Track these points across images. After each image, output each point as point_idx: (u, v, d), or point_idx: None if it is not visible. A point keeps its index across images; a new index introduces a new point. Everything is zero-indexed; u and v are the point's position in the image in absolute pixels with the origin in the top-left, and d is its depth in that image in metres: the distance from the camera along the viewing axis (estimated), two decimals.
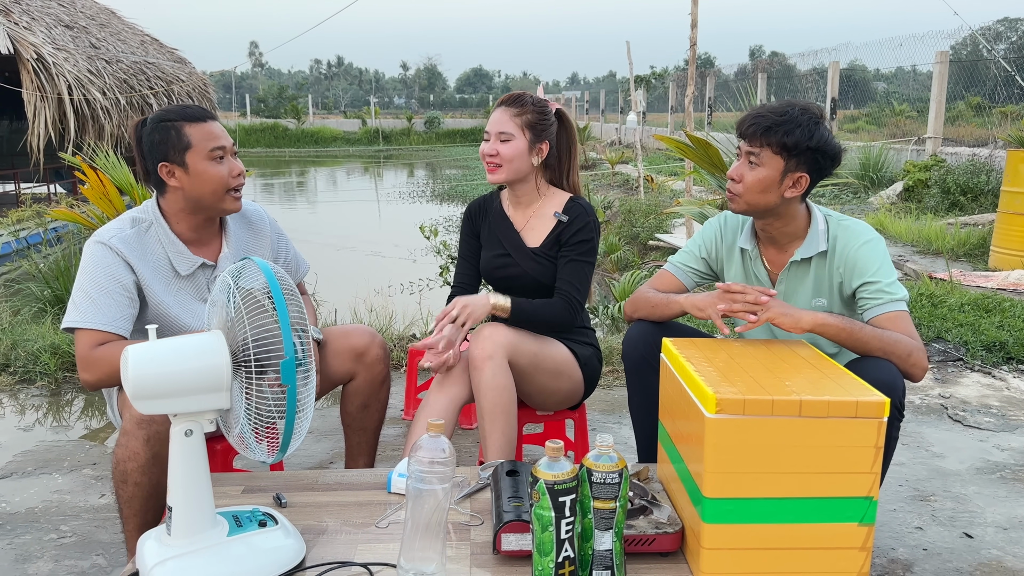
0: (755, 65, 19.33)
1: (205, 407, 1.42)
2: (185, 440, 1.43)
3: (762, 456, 1.43)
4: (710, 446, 1.43)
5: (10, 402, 3.56)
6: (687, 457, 1.57)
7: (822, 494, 1.45)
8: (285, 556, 1.48)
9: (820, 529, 1.46)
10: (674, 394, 1.66)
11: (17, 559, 2.26)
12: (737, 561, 1.45)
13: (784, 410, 1.42)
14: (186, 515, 1.44)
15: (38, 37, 10.12)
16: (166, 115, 1.93)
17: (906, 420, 3.33)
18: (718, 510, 1.44)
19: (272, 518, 1.56)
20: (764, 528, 1.45)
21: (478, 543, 1.59)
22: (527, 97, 2.31)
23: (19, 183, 12.63)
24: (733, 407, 1.42)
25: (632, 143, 20.32)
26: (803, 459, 1.43)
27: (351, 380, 2.20)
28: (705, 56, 56.51)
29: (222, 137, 1.96)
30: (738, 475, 1.43)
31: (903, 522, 2.47)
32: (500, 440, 2.08)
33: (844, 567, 1.48)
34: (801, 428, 1.42)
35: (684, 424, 1.59)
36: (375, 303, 5.07)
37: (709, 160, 4.40)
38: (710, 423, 1.42)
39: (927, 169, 9.51)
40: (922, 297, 4.84)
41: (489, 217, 2.43)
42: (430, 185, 17.69)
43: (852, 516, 1.46)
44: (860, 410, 1.43)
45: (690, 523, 1.53)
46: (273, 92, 52.23)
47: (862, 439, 1.43)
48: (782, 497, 1.44)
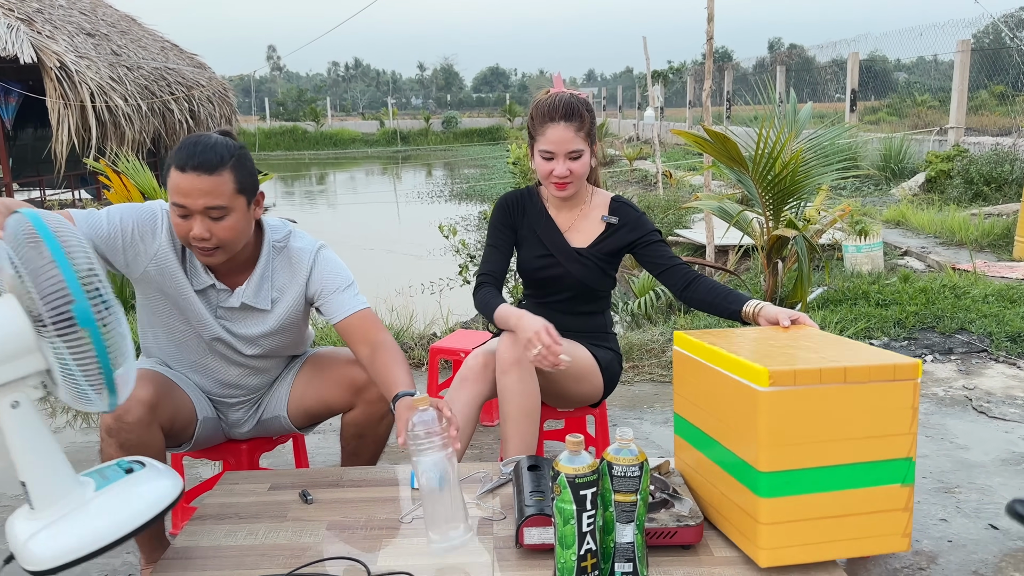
0: (774, 58, 19.20)
1: (20, 374, 1.35)
2: (14, 413, 1.36)
3: (813, 426, 1.46)
4: (764, 420, 1.45)
5: (40, 404, 3.63)
6: (729, 439, 1.56)
7: (867, 459, 1.49)
8: (159, 495, 1.45)
9: (866, 494, 1.50)
10: (702, 381, 1.68)
11: None
12: (793, 534, 1.48)
13: (831, 378, 1.46)
14: (42, 486, 1.39)
15: (61, 46, 10.26)
16: (175, 147, 1.82)
17: (930, 412, 3.31)
18: (774, 484, 1.46)
19: (139, 463, 1.51)
20: (816, 498, 1.48)
21: (501, 537, 1.60)
22: (579, 105, 2.21)
23: (44, 190, 12.82)
24: (785, 379, 1.44)
25: (650, 139, 20.25)
26: (849, 425, 1.48)
27: (350, 409, 2.11)
28: (723, 50, 56.14)
29: (189, 195, 1.76)
30: (791, 447, 1.46)
31: (928, 514, 2.46)
32: (521, 444, 2.10)
33: (889, 529, 1.52)
34: (847, 394, 1.47)
35: (722, 407, 1.59)
36: (396, 303, 5.10)
37: (728, 154, 4.39)
38: (764, 397, 1.44)
39: (950, 159, 9.40)
40: (945, 288, 4.80)
41: (529, 214, 2.36)
42: (448, 185, 17.73)
43: (894, 478, 1.51)
44: (897, 373, 1.49)
45: (738, 503, 1.53)
46: (292, 95, 52.55)
47: (901, 401, 1.49)
48: (831, 465, 1.48)
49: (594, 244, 2.32)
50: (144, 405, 1.82)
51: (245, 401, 2.14)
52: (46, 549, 1.35)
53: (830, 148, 4.57)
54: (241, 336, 2.02)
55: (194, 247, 1.84)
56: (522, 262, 2.36)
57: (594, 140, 2.26)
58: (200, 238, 1.79)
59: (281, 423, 2.17)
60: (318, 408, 2.14)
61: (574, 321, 2.29)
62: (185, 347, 2.04)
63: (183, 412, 1.99)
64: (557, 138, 2.17)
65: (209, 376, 2.08)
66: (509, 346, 2.12)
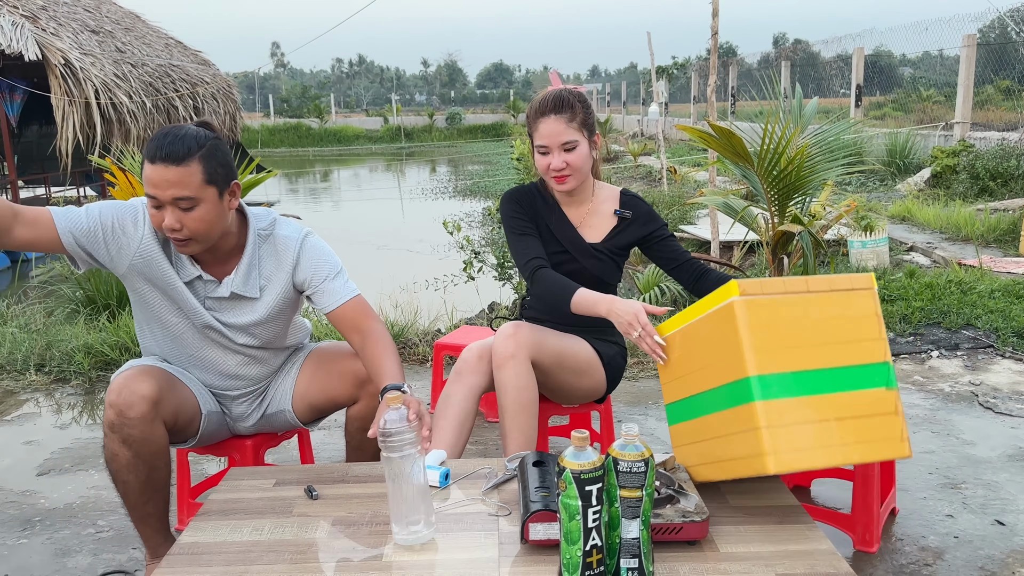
0: (778, 53, 19.14)
1: None
2: None
3: (788, 331, 1.58)
4: (742, 327, 1.56)
5: (46, 401, 3.64)
6: (717, 376, 1.65)
7: (846, 363, 1.60)
8: None
9: (854, 397, 1.59)
10: (683, 346, 1.79)
11: (57, 553, 2.31)
12: (793, 437, 1.54)
13: (795, 287, 1.62)
14: None
15: (65, 43, 10.26)
16: (148, 142, 1.81)
17: (936, 408, 3.30)
18: (765, 386, 1.54)
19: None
20: (807, 400, 1.56)
21: (506, 533, 1.60)
22: (569, 97, 2.21)
23: (49, 187, 12.85)
24: (753, 288, 1.59)
25: (654, 134, 20.20)
26: (821, 331, 1.60)
27: (354, 403, 2.12)
28: (727, 45, 55.98)
29: (158, 186, 1.77)
30: (773, 351, 1.56)
31: (934, 510, 2.46)
32: (520, 438, 2.09)
33: (886, 433, 1.60)
34: (812, 302, 1.61)
35: (704, 353, 1.70)
36: (400, 299, 5.10)
37: (733, 150, 4.37)
38: (738, 305, 1.57)
39: (955, 154, 9.36)
40: (951, 284, 4.78)
41: (540, 211, 2.34)
42: (452, 181, 17.71)
43: (878, 382, 1.61)
44: (854, 283, 1.65)
45: (738, 432, 1.60)
46: (296, 92, 52.56)
47: (863, 308, 1.64)
48: (815, 369, 1.58)
49: (608, 239, 2.31)
50: (147, 400, 1.82)
51: (248, 393, 2.14)
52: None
53: (835, 143, 4.55)
54: (232, 325, 2.02)
55: (169, 237, 1.85)
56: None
57: (592, 132, 2.24)
58: (171, 228, 1.80)
59: (286, 418, 2.17)
60: (322, 402, 2.14)
61: (579, 315, 2.29)
62: (181, 340, 2.04)
63: (186, 407, 1.99)
64: (549, 131, 2.17)
65: (209, 368, 2.08)
66: (505, 340, 2.12)
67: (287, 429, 2.26)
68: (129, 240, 1.91)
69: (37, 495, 2.70)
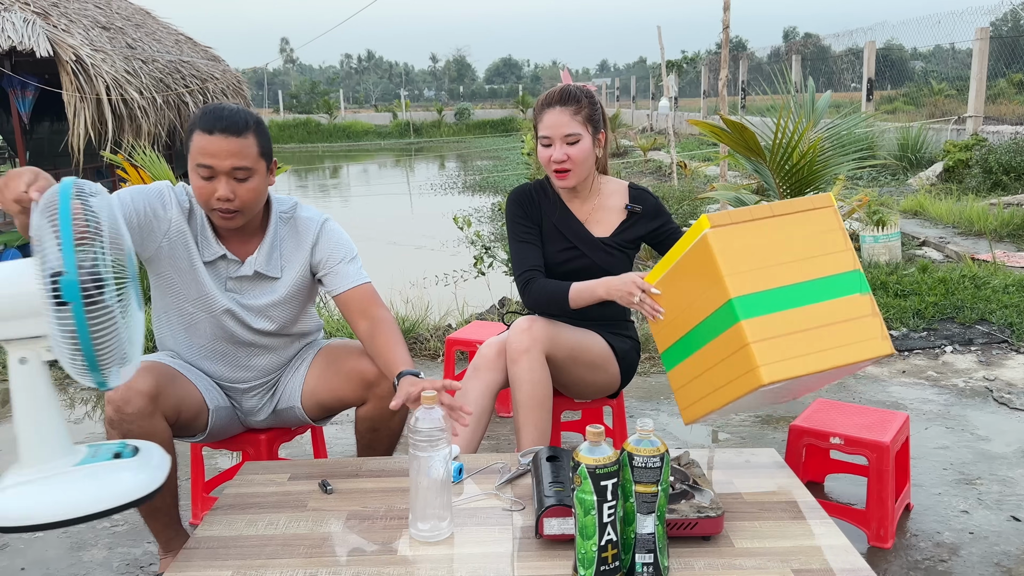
0: (789, 47, 19.05)
1: (25, 333, 1.38)
2: (21, 368, 1.40)
3: (760, 252, 1.69)
4: (718, 255, 1.67)
5: (60, 396, 3.66)
6: (702, 310, 1.75)
7: (819, 275, 1.70)
8: (127, 487, 1.45)
9: (832, 305, 1.69)
10: (665, 296, 1.90)
11: (72, 547, 2.33)
12: (781, 348, 1.64)
13: (760, 213, 1.73)
14: (30, 444, 1.42)
15: (76, 39, 10.30)
16: (197, 113, 1.89)
17: (950, 403, 3.28)
18: (747, 305, 1.65)
19: (136, 449, 1.52)
20: (789, 314, 1.67)
21: (520, 527, 1.60)
22: (576, 91, 2.21)
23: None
24: (722, 219, 1.70)
25: (664, 129, 20.14)
26: (792, 249, 1.71)
27: (362, 404, 2.10)
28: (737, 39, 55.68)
29: (217, 156, 1.82)
30: (750, 272, 1.67)
31: (948, 506, 2.44)
32: (534, 433, 2.10)
33: (866, 334, 1.69)
34: (779, 225, 1.72)
35: (684, 292, 1.81)
36: (410, 295, 5.10)
37: (745, 144, 4.36)
38: (710, 236, 1.68)
39: (968, 149, 9.30)
40: (965, 279, 4.75)
41: (547, 210, 2.33)
42: (461, 176, 17.71)
43: (851, 289, 1.71)
44: (815, 203, 1.76)
45: (728, 354, 1.68)
46: (305, 88, 52.65)
47: (826, 224, 1.74)
48: (791, 284, 1.68)
49: (616, 233, 2.30)
50: (144, 396, 1.82)
51: (259, 386, 2.14)
52: (6, 508, 1.38)
53: (847, 138, 4.53)
54: (250, 307, 2.04)
55: (215, 210, 1.89)
56: (546, 256, 2.31)
57: (597, 128, 2.24)
58: (224, 199, 1.85)
59: (296, 414, 2.17)
60: (331, 401, 2.14)
61: (593, 310, 2.29)
62: (195, 330, 2.04)
63: (189, 402, 1.97)
64: (552, 122, 2.18)
65: (221, 359, 2.08)
66: (519, 335, 2.11)
67: (299, 425, 2.27)
68: (159, 223, 1.94)
69: None
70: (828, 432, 2.27)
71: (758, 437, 3.03)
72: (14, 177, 1.42)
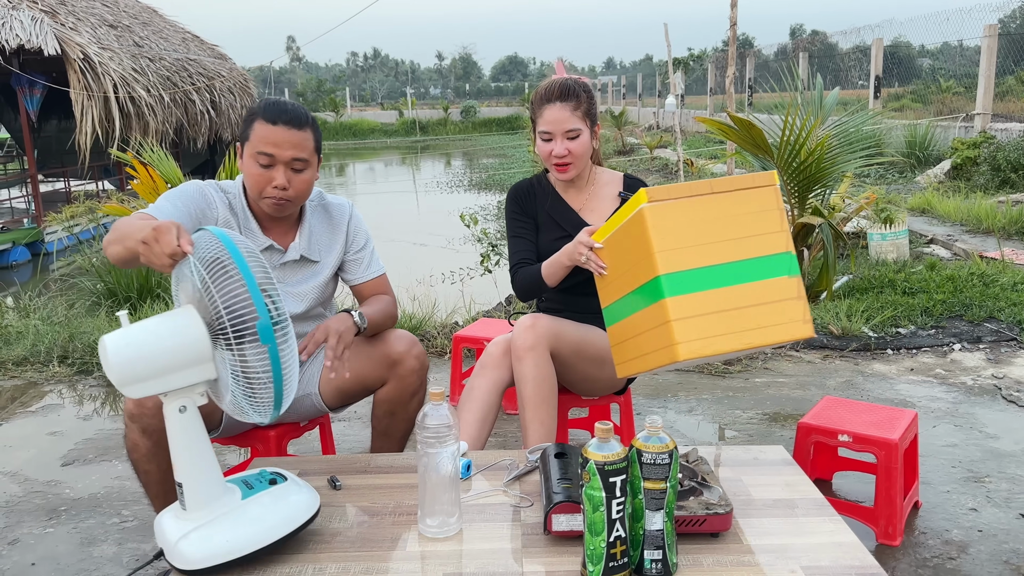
0: (796, 44, 18.99)
1: (191, 381, 1.43)
2: (181, 416, 1.44)
3: (695, 230, 1.69)
4: (652, 230, 1.68)
5: (69, 392, 3.67)
6: (635, 279, 1.77)
7: (750, 255, 1.71)
8: (299, 509, 1.50)
9: (759, 287, 1.71)
10: (607, 260, 1.92)
11: (83, 542, 2.34)
12: (702, 327, 1.67)
13: (700, 190, 1.72)
14: (196, 488, 1.46)
15: (84, 37, 10.33)
16: (258, 104, 1.99)
17: (958, 401, 3.27)
18: (673, 283, 1.67)
19: (281, 475, 1.57)
20: (714, 293, 1.69)
21: (528, 524, 1.60)
22: (575, 86, 2.25)
23: (69, 181, 12.95)
24: (660, 194, 1.71)
25: (670, 127, 20.10)
26: (726, 228, 1.70)
27: (382, 385, 2.15)
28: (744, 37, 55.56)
29: (279, 145, 1.92)
30: (681, 250, 1.68)
31: (957, 503, 2.44)
32: (540, 430, 2.10)
33: (789, 317, 1.72)
34: (717, 202, 1.72)
35: (624, 259, 1.82)
36: (417, 292, 5.11)
37: (753, 141, 4.35)
38: (647, 211, 1.69)
39: (976, 146, 9.26)
40: (973, 276, 4.74)
41: (541, 200, 2.39)
42: (467, 174, 17.72)
43: (780, 271, 1.72)
44: (756, 180, 1.75)
45: (653, 326, 1.72)
46: (311, 86, 52.74)
47: (765, 203, 1.73)
48: (721, 263, 1.69)
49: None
50: None
51: None
52: (197, 550, 1.41)
53: (855, 135, 4.52)
54: (293, 293, 2.12)
55: (268, 198, 1.97)
56: (541, 246, 2.36)
57: (594, 121, 2.29)
58: (280, 187, 1.94)
59: (312, 401, 2.18)
60: (351, 385, 2.15)
61: (595, 303, 2.29)
62: None
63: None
64: (553, 118, 2.21)
65: None
66: (524, 332, 2.12)
67: (312, 416, 2.27)
68: (209, 222, 1.99)
69: (62, 485, 2.73)
70: (836, 430, 2.26)
71: (765, 435, 3.02)
72: (164, 232, 1.45)
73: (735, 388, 3.52)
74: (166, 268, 1.47)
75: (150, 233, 1.45)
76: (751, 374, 3.69)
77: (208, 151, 14.47)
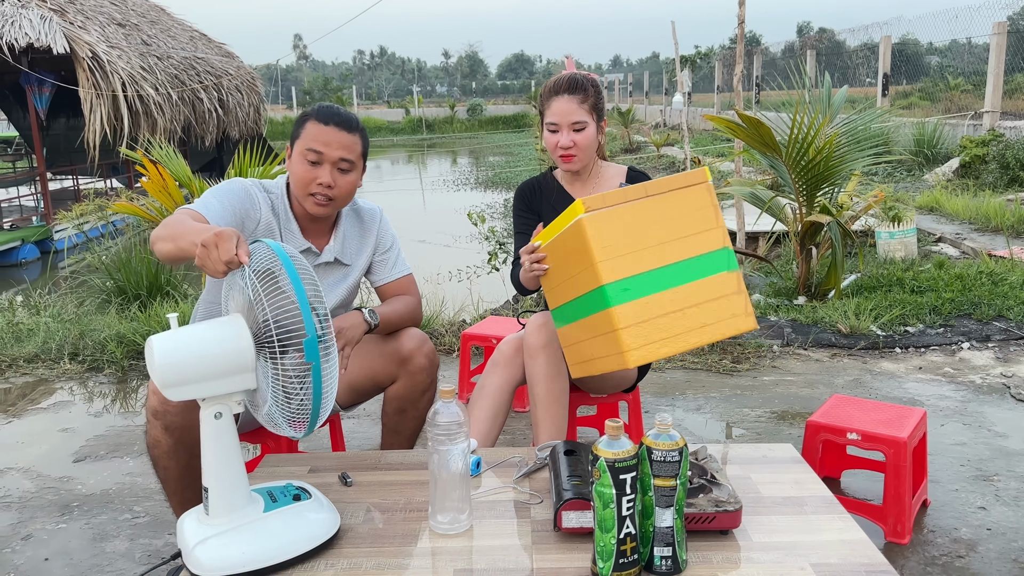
0: (803, 42, 18.94)
1: (232, 389, 1.44)
2: (216, 423, 1.45)
3: (633, 236, 1.71)
4: (592, 240, 1.69)
5: (80, 389, 3.70)
6: (580, 286, 1.79)
7: (689, 255, 1.74)
8: (320, 528, 1.51)
9: (700, 285, 1.74)
10: (551, 257, 1.92)
11: (95, 538, 2.36)
12: (649, 332, 1.71)
13: (635, 195, 1.73)
14: (222, 495, 1.47)
15: (92, 36, 10.37)
16: (312, 107, 2.04)
17: (967, 399, 3.27)
18: (618, 292, 1.69)
19: (305, 491, 1.58)
20: (658, 297, 1.71)
21: (538, 520, 1.61)
22: (584, 80, 2.29)
23: (77, 179, 13.01)
24: (596, 203, 1.71)
25: (676, 124, 20.08)
26: (664, 230, 1.73)
27: (393, 383, 2.18)
28: (751, 34, 55.42)
29: (328, 144, 1.97)
30: (622, 257, 1.70)
31: (966, 502, 2.44)
32: (551, 428, 2.11)
33: (731, 311, 1.76)
34: (652, 205, 1.73)
35: (567, 265, 1.83)
36: (425, 290, 5.12)
37: (761, 139, 4.34)
38: (585, 221, 1.69)
39: (985, 144, 9.23)
40: (982, 275, 4.73)
41: (546, 197, 2.42)
42: (474, 172, 17.73)
43: (719, 267, 1.75)
44: (689, 179, 1.76)
45: (600, 334, 1.75)
46: (318, 84, 52.79)
47: (700, 201, 1.75)
48: (661, 266, 1.72)
49: None
50: None
51: None
52: (212, 558, 1.42)
53: (863, 133, 4.51)
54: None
55: (312, 195, 2.00)
56: None
57: (601, 116, 2.33)
58: (326, 185, 1.98)
59: None
60: (362, 382, 2.17)
61: None
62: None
63: None
64: (561, 110, 2.25)
65: None
66: (537, 331, 2.13)
67: None
68: (250, 222, 2.02)
69: (74, 481, 2.75)
70: (845, 428, 2.27)
71: (773, 433, 3.03)
72: (225, 239, 1.45)
73: (743, 386, 3.52)
74: (219, 274, 1.47)
75: (211, 238, 1.45)
76: (759, 372, 3.69)
77: (216, 149, 14.51)
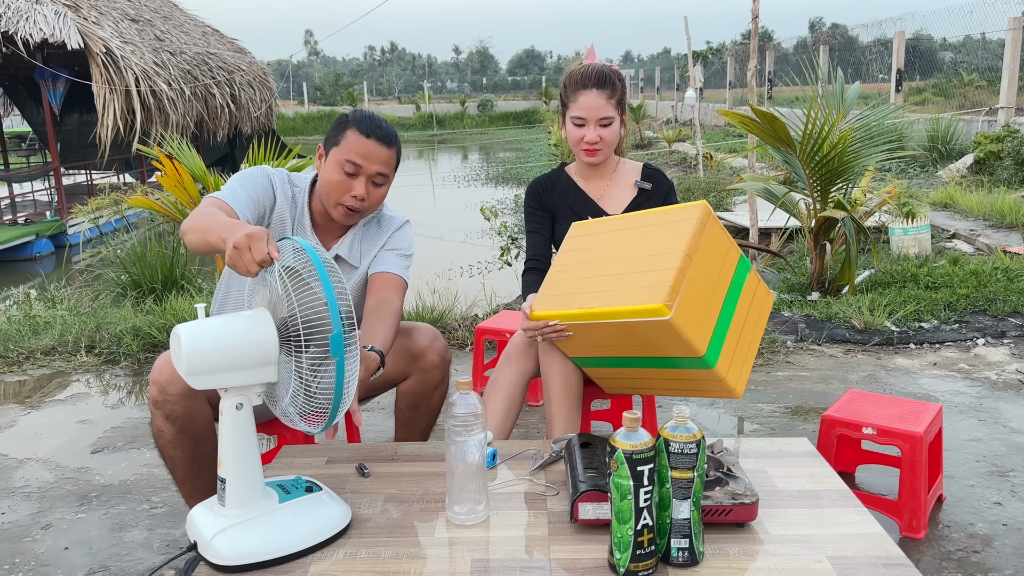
0: (816, 38, 18.85)
1: (254, 381, 1.46)
2: (236, 413, 1.47)
3: (697, 292, 1.81)
4: (686, 330, 1.76)
5: (96, 382, 3.73)
6: (644, 350, 1.88)
7: (729, 281, 1.91)
8: (332, 521, 1.52)
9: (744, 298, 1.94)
10: (582, 331, 1.94)
11: (114, 528, 2.39)
12: (738, 360, 1.91)
13: (684, 262, 1.80)
14: (239, 486, 1.48)
15: (106, 31, 10.42)
16: (355, 112, 2.04)
17: (982, 395, 3.26)
18: (712, 354, 1.83)
19: (317, 485, 1.60)
20: (730, 333, 1.89)
21: (555, 512, 1.62)
22: (611, 74, 2.27)
23: (91, 173, 13.08)
24: (671, 295, 1.75)
25: (688, 120, 20.02)
26: (709, 273, 1.85)
27: (405, 379, 2.16)
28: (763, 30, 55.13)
29: (367, 158, 1.97)
30: (701, 325, 1.82)
31: (982, 497, 2.43)
32: (565, 423, 2.11)
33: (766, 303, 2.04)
34: (699, 259, 1.83)
35: (627, 342, 1.89)
36: (438, 285, 5.14)
37: (775, 134, 4.33)
38: (678, 321, 1.74)
39: (999, 140, 9.17)
40: (997, 271, 4.70)
41: (559, 192, 2.42)
42: (485, 168, 17.72)
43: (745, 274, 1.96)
44: (693, 212, 1.90)
45: (698, 379, 1.90)
46: (329, 80, 52.89)
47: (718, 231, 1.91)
48: (721, 307, 1.88)
49: (628, 209, 2.36)
50: None
51: None
52: (231, 548, 1.43)
53: (877, 129, 4.49)
54: None
55: (342, 205, 2.01)
56: (559, 236, 2.38)
57: (624, 110, 2.32)
58: (359, 198, 2.00)
59: None
60: (374, 378, 2.17)
61: None
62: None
63: None
64: (589, 104, 2.23)
65: None
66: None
67: None
68: (266, 207, 2.04)
69: (92, 472, 2.77)
70: (861, 423, 2.26)
71: (788, 428, 3.02)
72: (256, 240, 1.46)
73: (757, 381, 3.52)
74: (252, 274, 1.47)
75: (243, 239, 1.46)
76: (773, 368, 3.68)
77: (228, 144, 14.55)
